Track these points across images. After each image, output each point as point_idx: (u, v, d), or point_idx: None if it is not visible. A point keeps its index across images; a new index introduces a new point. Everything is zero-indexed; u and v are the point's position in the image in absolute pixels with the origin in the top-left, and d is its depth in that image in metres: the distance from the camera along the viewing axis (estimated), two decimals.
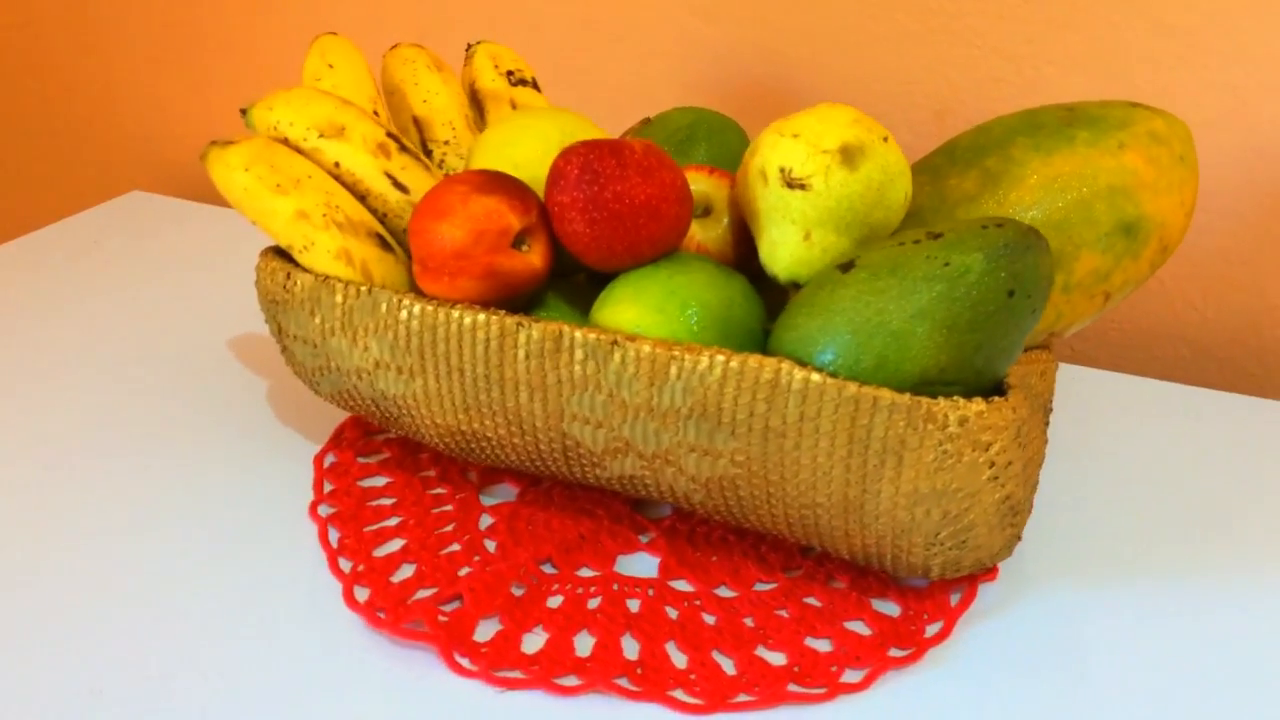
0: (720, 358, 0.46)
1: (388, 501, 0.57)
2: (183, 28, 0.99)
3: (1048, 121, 0.54)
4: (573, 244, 0.50)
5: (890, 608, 0.51)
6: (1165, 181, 0.52)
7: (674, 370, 0.46)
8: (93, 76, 1.05)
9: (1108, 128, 0.53)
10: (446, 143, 0.59)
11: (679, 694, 0.46)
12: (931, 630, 0.49)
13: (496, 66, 0.63)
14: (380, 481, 0.59)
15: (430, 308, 0.50)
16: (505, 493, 0.58)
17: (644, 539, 0.55)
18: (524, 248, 0.50)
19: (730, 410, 0.46)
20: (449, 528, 0.56)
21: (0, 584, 0.51)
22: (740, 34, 0.77)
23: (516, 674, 0.47)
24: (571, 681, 0.46)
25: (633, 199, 0.48)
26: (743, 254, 0.55)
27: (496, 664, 0.47)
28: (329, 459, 0.61)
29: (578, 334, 0.48)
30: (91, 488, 0.58)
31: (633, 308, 0.49)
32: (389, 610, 0.49)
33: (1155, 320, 0.74)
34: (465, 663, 0.47)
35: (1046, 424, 0.52)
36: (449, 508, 0.57)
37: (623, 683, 0.46)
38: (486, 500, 0.58)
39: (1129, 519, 0.56)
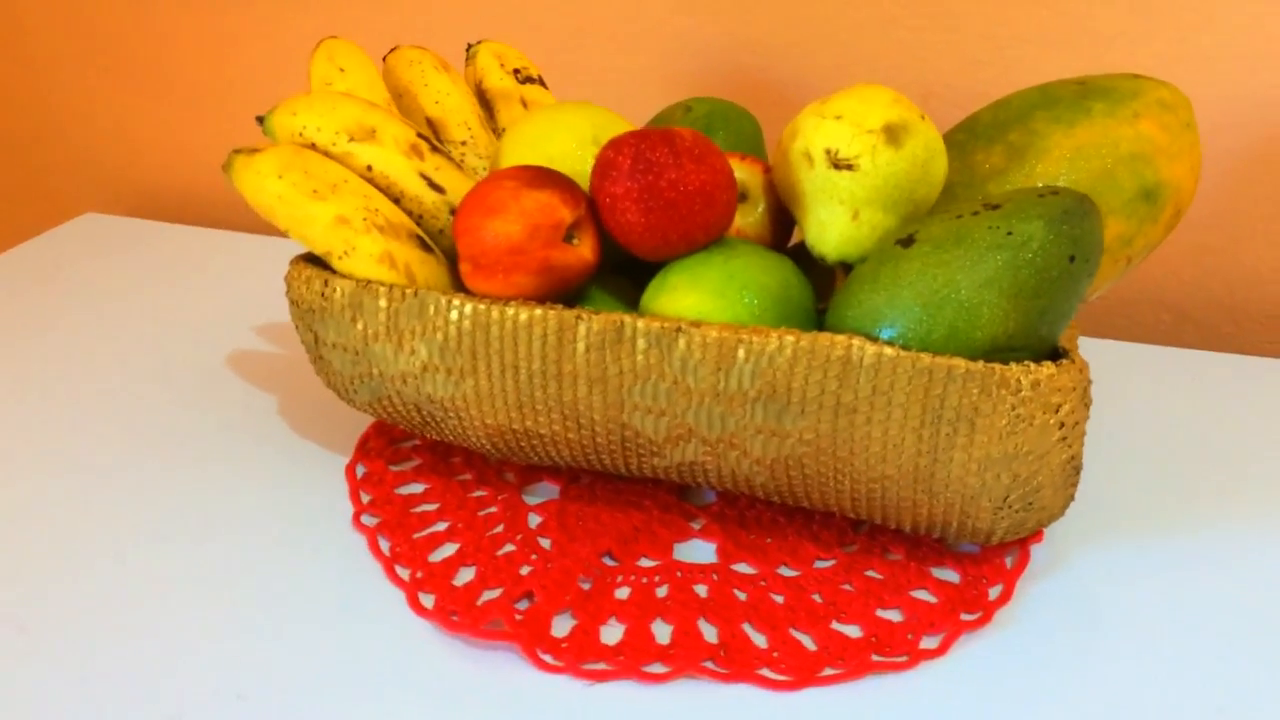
0: (790, 338, 0.46)
1: (431, 507, 0.57)
2: (129, 43, 0.96)
3: (1063, 95, 0.56)
4: (625, 234, 0.50)
5: (950, 575, 0.52)
6: (1177, 147, 0.55)
7: (742, 353, 0.47)
8: (35, 96, 1.01)
9: (1121, 98, 0.55)
10: (464, 143, 0.59)
11: (766, 672, 0.46)
12: (994, 593, 0.51)
13: (503, 65, 0.63)
14: (418, 488, 0.58)
15: (483, 306, 0.50)
16: (547, 490, 0.58)
17: (696, 525, 0.55)
18: (574, 241, 0.50)
19: (800, 389, 0.47)
20: (499, 529, 0.55)
21: (66, 606, 0.49)
22: (721, 26, 0.78)
23: (603, 665, 0.47)
24: (659, 669, 0.47)
25: (687, 186, 0.48)
26: (779, 237, 0.55)
27: (581, 657, 0.47)
28: (360, 469, 0.60)
29: (640, 323, 0.48)
30: (115, 513, 0.56)
31: (691, 293, 0.49)
32: (462, 613, 0.49)
33: (1136, 287, 0.77)
34: (549, 659, 0.47)
35: None
36: (494, 509, 0.57)
37: (710, 665, 0.47)
38: (530, 499, 0.57)
39: (1141, 478, 0.59)
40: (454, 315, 0.50)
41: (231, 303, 0.80)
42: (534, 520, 0.56)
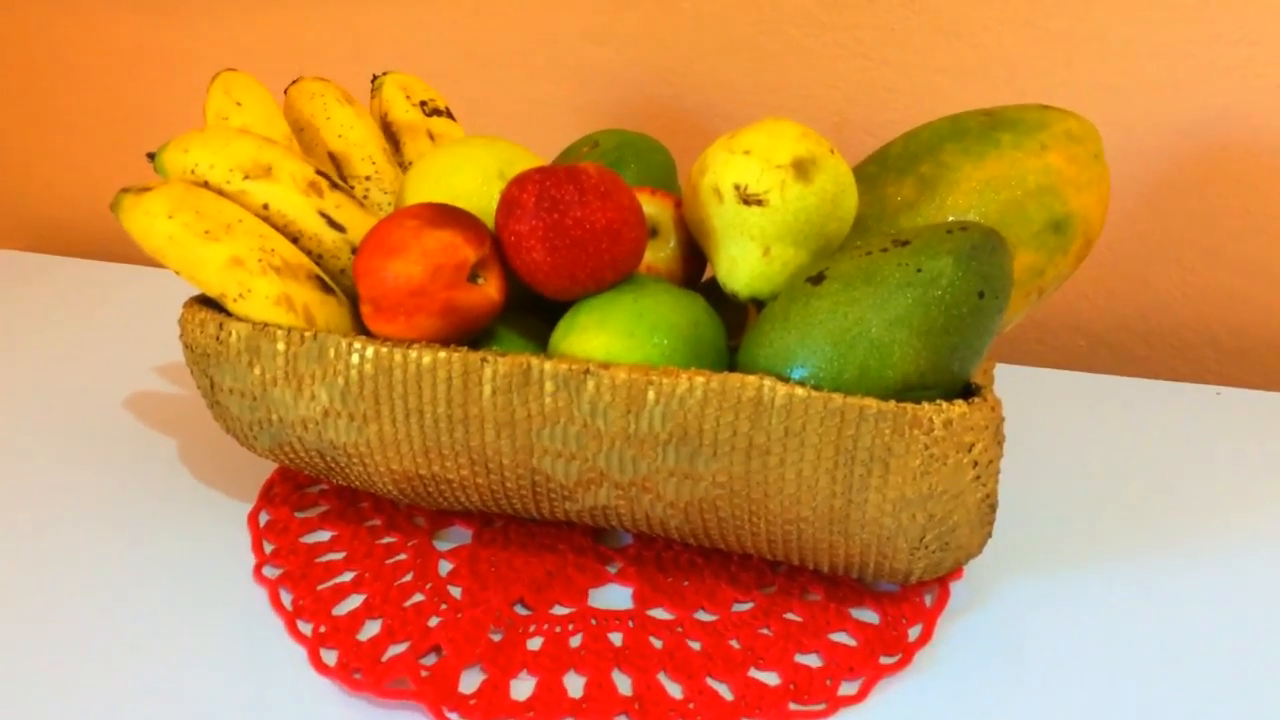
0: (700, 379, 0.45)
1: (337, 556, 0.55)
2: (27, 73, 0.92)
3: (971, 126, 0.55)
4: (532, 274, 0.49)
5: (869, 615, 0.51)
6: (1085, 178, 0.55)
7: (652, 395, 0.46)
8: None
9: (1028, 129, 0.55)
10: (368, 178, 0.57)
11: None
12: (914, 634, 0.50)
13: (409, 97, 0.61)
14: (324, 536, 0.56)
15: (385, 349, 0.48)
16: (459, 535, 0.56)
17: (612, 569, 0.54)
18: (479, 280, 0.49)
19: (712, 431, 0.46)
20: (408, 577, 0.53)
21: None
22: (633, 55, 0.77)
23: None
24: None
25: (594, 224, 0.47)
26: (691, 273, 0.54)
27: (489, 715, 0.45)
28: (264, 517, 0.57)
29: (547, 365, 0.46)
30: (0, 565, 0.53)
31: (600, 334, 0.48)
32: (365, 670, 0.47)
33: (1051, 311, 0.77)
34: (456, 718, 0.45)
35: None
36: (403, 556, 0.55)
37: None
38: (441, 545, 0.55)
39: (1052, 508, 0.59)
40: (355, 359, 0.49)
41: (135, 340, 0.77)
42: (445, 567, 0.54)
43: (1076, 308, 0.77)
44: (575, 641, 0.49)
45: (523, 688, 0.47)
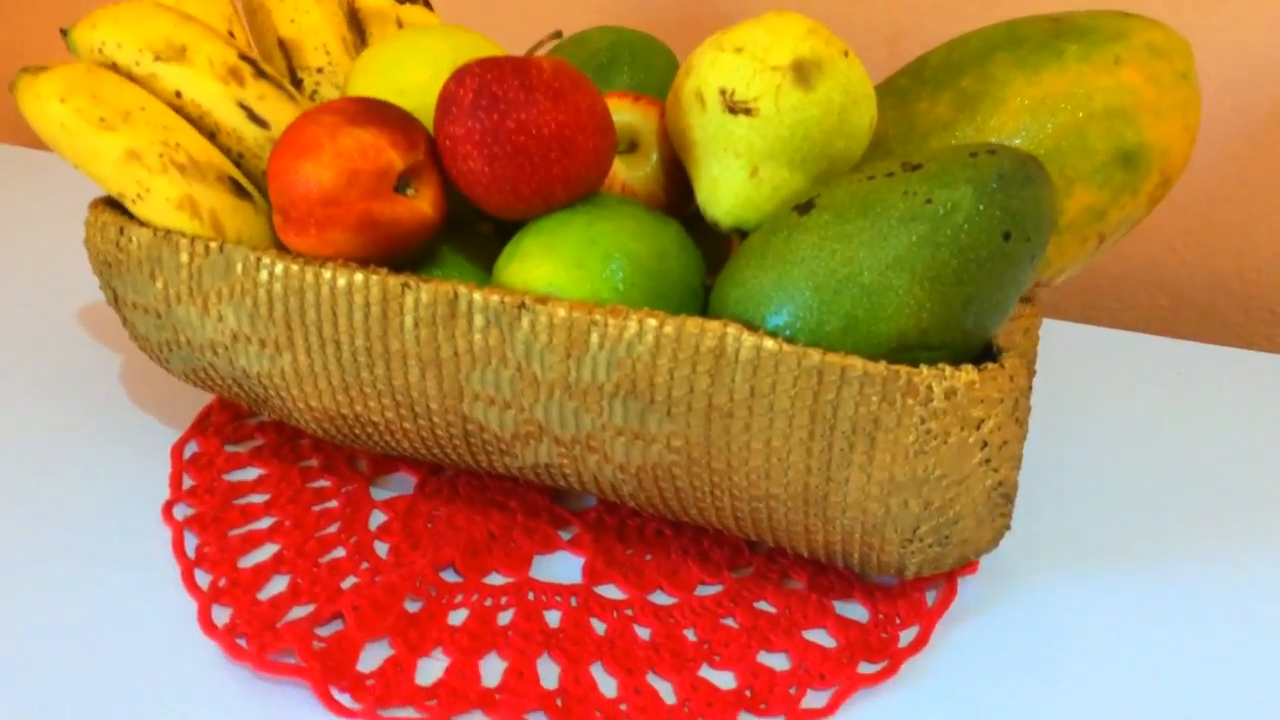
0: (652, 322, 0.37)
1: (259, 499, 0.48)
2: None
3: (1031, 34, 0.46)
4: (470, 186, 0.41)
5: (857, 611, 0.43)
6: (1168, 102, 0.45)
7: (595, 338, 0.38)
8: None
9: (1101, 40, 0.45)
10: (320, 70, 0.50)
11: None
12: (906, 637, 0.42)
13: None
14: (252, 474, 0.50)
15: (296, 267, 0.41)
16: (402, 484, 0.49)
17: (566, 535, 0.47)
18: (409, 192, 0.41)
19: (665, 386, 0.38)
20: (333, 528, 0.47)
21: None
22: None
23: (408, 712, 0.38)
24: None
25: (541, 129, 0.39)
26: (676, 196, 0.46)
27: (385, 700, 0.38)
28: (190, 448, 0.51)
29: (476, 296, 0.39)
30: None
31: (545, 263, 0.40)
32: (252, 636, 0.40)
33: (1130, 265, 0.67)
34: (346, 700, 0.39)
35: (1031, 389, 0.45)
36: (334, 504, 0.48)
37: (538, 719, 0.38)
38: (379, 494, 0.49)
39: (1118, 495, 0.49)
40: (264, 276, 0.42)
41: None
42: (377, 520, 0.47)
43: (1162, 262, 0.66)
44: (505, 618, 0.42)
45: (432, 669, 0.40)
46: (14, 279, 0.66)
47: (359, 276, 0.40)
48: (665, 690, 0.39)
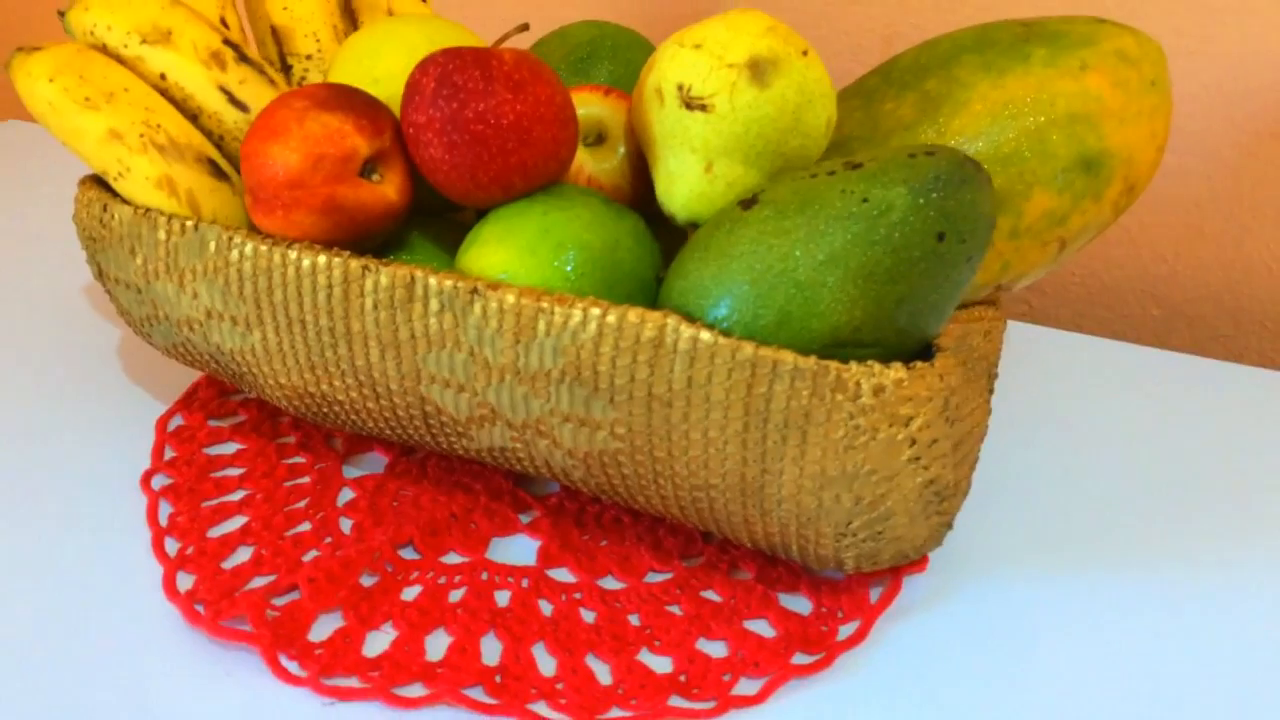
0: (595, 310, 0.38)
1: (235, 472, 0.50)
2: None
3: (1001, 38, 0.46)
4: (431, 173, 0.42)
5: (801, 604, 0.44)
6: (1134, 109, 0.45)
7: (542, 325, 0.39)
8: None
9: (1069, 45, 0.45)
10: (309, 57, 0.51)
11: (540, 707, 0.39)
12: (845, 631, 0.42)
13: None
14: (231, 449, 0.51)
15: (265, 247, 0.42)
16: (375, 463, 0.51)
17: (525, 519, 0.48)
18: (375, 177, 0.43)
19: (608, 374, 0.39)
20: (301, 504, 0.48)
21: None
22: None
23: (352, 682, 0.40)
24: (415, 692, 0.39)
25: (499, 119, 0.40)
26: (642, 190, 0.47)
27: (330, 669, 0.40)
28: (175, 421, 0.53)
29: (432, 280, 0.40)
30: None
31: (500, 250, 0.41)
32: (210, 603, 0.42)
33: (1121, 274, 0.67)
34: (294, 668, 0.40)
35: (991, 391, 0.45)
36: (305, 479, 0.50)
37: (476, 694, 0.39)
38: (351, 472, 0.50)
39: (1084, 500, 0.49)
40: (235, 255, 0.43)
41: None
42: (346, 497, 0.49)
43: (1152, 272, 0.66)
44: (455, 596, 0.44)
45: (379, 642, 0.41)
46: (22, 254, 0.68)
47: (322, 258, 0.41)
48: (602, 672, 0.40)
